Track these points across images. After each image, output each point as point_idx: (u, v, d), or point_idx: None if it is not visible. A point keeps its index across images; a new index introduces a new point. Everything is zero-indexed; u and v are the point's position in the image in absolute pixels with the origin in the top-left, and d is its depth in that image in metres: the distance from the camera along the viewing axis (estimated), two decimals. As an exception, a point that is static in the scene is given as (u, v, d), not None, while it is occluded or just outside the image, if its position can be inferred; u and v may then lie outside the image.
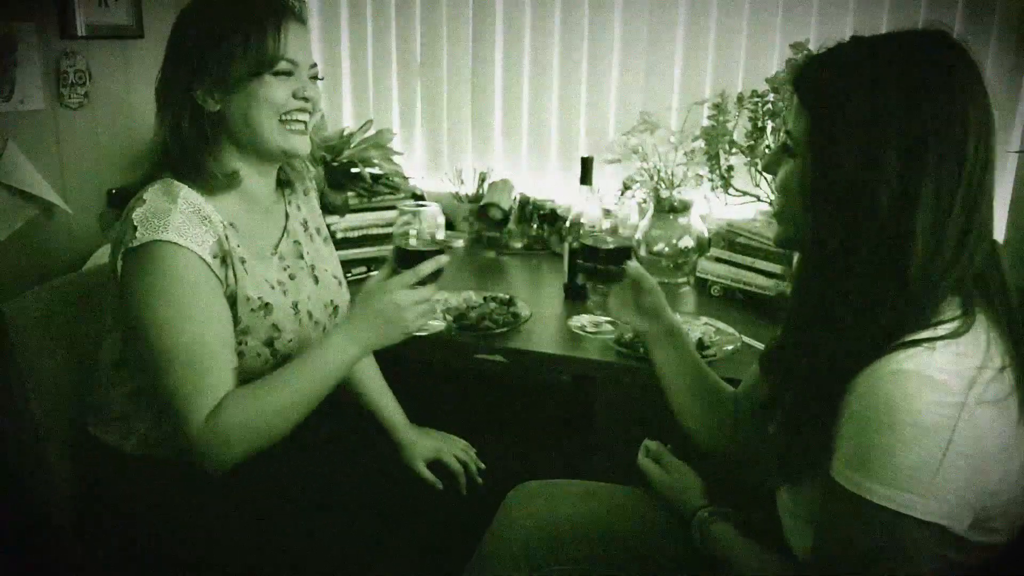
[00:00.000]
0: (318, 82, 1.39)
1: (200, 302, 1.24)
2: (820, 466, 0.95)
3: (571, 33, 2.46)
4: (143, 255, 1.22)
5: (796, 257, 1.13)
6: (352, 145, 2.36)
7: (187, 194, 1.27)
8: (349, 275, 2.10)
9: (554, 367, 1.66)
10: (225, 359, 1.26)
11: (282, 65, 1.30)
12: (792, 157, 1.01)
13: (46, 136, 2.18)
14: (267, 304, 1.33)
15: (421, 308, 1.28)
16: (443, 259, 1.30)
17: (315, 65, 1.38)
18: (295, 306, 1.39)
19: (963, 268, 0.93)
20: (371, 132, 2.43)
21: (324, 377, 1.27)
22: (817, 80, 0.98)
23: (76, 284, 1.53)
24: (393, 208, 2.37)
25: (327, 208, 2.25)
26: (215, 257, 1.26)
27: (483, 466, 1.68)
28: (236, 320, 1.30)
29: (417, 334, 1.34)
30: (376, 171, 2.38)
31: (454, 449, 1.67)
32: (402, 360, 1.56)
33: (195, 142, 1.31)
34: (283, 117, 1.32)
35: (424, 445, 1.64)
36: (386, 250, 2.24)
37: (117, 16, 2.33)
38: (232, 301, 1.30)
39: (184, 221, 1.24)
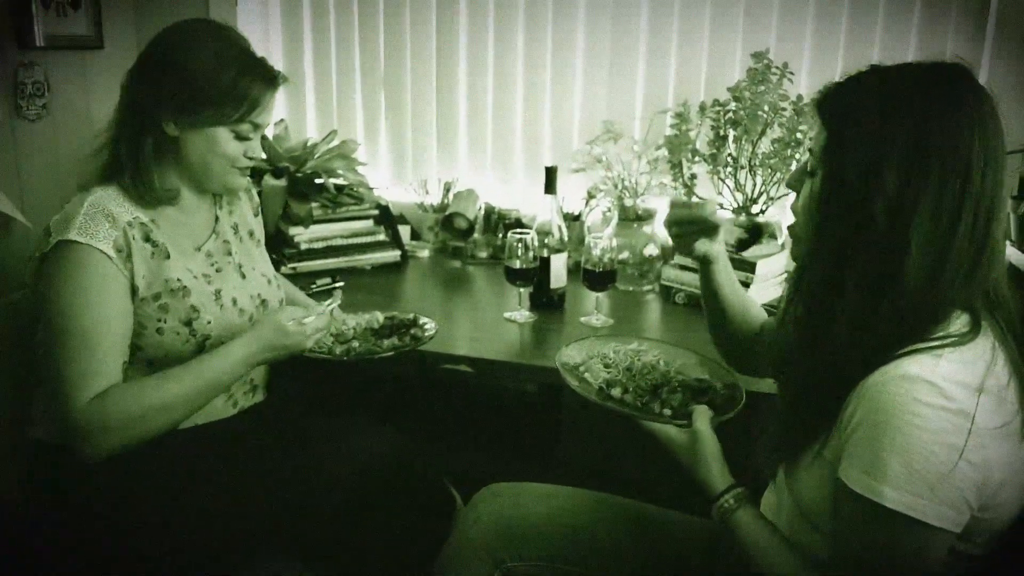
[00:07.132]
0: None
1: (102, 294, 1.33)
2: (817, 447, 1.01)
3: (535, 43, 2.47)
4: (51, 255, 1.33)
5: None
6: (316, 156, 2.35)
7: (96, 198, 1.38)
8: (314, 286, 2.09)
9: (520, 376, 1.67)
10: (117, 351, 1.34)
11: (246, 128, 1.45)
12: (812, 176, 1.06)
13: (4, 149, 2.14)
14: (185, 287, 1.43)
15: (316, 336, 1.46)
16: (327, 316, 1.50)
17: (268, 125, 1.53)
18: (217, 293, 1.49)
19: (977, 285, 0.98)
20: (335, 143, 2.42)
21: (209, 381, 1.37)
22: (836, 102, 1.03)
23: (34, 300, 1.50)
24: (357, 219, 2.37)
25: (291, 219, 2.25)
26: (119, 252, 1.35)
27: None
28: (155, 297, 1.39)
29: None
30: (340, 182, 2.37)
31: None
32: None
33: (148, 159, 1.41)
34: (232, 167, 1.48)
35: None
36: (351, 261, 2.26)
37: (76, 26, 2.30)
38: (146, 285, 1.39)
39: (86, 221, 1.34)
